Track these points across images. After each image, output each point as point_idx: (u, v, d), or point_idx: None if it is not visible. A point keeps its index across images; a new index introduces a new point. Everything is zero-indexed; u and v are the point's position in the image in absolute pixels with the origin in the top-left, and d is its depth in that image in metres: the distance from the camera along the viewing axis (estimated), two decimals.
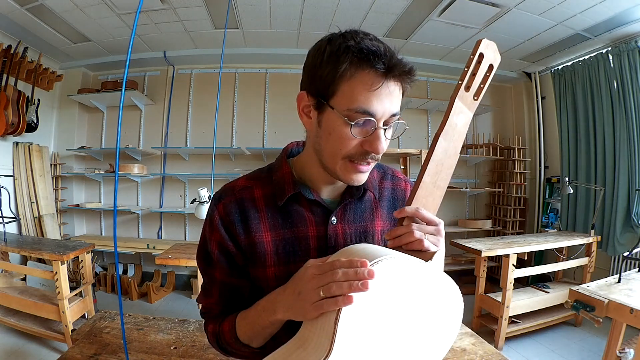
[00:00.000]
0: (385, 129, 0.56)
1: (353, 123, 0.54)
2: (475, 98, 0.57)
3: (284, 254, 0.65)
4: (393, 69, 0.53)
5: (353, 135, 0.55)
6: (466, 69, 0.55)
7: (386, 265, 0.45)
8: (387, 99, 0.54)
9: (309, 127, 0.63)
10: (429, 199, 0.57)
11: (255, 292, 0.67)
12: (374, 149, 0.56)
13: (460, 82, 0.55)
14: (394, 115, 0.56)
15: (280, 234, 0.65)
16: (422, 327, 0.51)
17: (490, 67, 0.56)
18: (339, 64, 0.53)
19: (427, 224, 0.55)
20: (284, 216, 0.66)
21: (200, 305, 0.74)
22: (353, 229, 0.67)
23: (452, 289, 0.54)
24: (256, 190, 0.67)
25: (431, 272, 0.50)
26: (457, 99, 0.55)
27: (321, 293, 0.46)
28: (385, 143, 0.57)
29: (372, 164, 0.61)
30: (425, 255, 0.52)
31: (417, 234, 0.53)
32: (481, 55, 0.54)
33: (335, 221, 0.66)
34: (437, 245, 0.55)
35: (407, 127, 0.61)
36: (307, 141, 0.67)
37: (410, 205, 0.56)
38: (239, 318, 0.65)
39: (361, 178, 0.61)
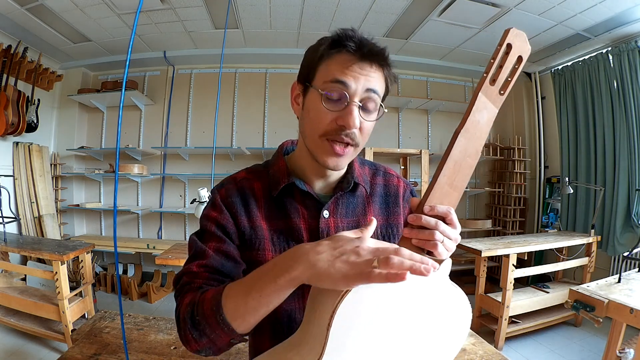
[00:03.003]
0: (360, 106, 0.58)
1: (324, 93, 0.58)
2: (502, 92, 0.52)
3: (279, 244, 0.66)
4: (364, 48, 0.57)
5: (326, 108, 0.58)
6: (492, 61, 0.50)
7: None
8: (362, 77, 0.57)
9: (298, 114, 0.66)
10: (444, 200, 0.53)
11: None
12: (345, 123, 0.57)
13: (485, 75, 0.50)
14: (370, 91, 0.58)
15: (274, 225, 0.67)
16: (423, 337, 0.49)
17: (519, 58, 0.51)
18: (319, 48, 0.60)
19: (445, 221, 0.52)
20: (278, 207, 0.68)
21: (181, 276, 0.61)
22: (345, 223, 0.68)
23: (459, 298, 0.51)
24: (255, 183, 0.69)
25: (436, 281, 0.49)
26: (480, 93, 0.51)
27: (375, 262, 0.40)
28: (358, 119, 0.58)
29: (350, 150, 0.61)
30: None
31: (438, 236, 0.50)
32: (509, 46, 0.49)
33: (327, 215, 0.67)
34: (448, 251, 0.52)
35: (386, 111, 0.63)
36: (299, 134, 0.68)
37: (423, 205, 0.52)
38: (232, 283, 0.52)
39: (337, 162, 0.61)
